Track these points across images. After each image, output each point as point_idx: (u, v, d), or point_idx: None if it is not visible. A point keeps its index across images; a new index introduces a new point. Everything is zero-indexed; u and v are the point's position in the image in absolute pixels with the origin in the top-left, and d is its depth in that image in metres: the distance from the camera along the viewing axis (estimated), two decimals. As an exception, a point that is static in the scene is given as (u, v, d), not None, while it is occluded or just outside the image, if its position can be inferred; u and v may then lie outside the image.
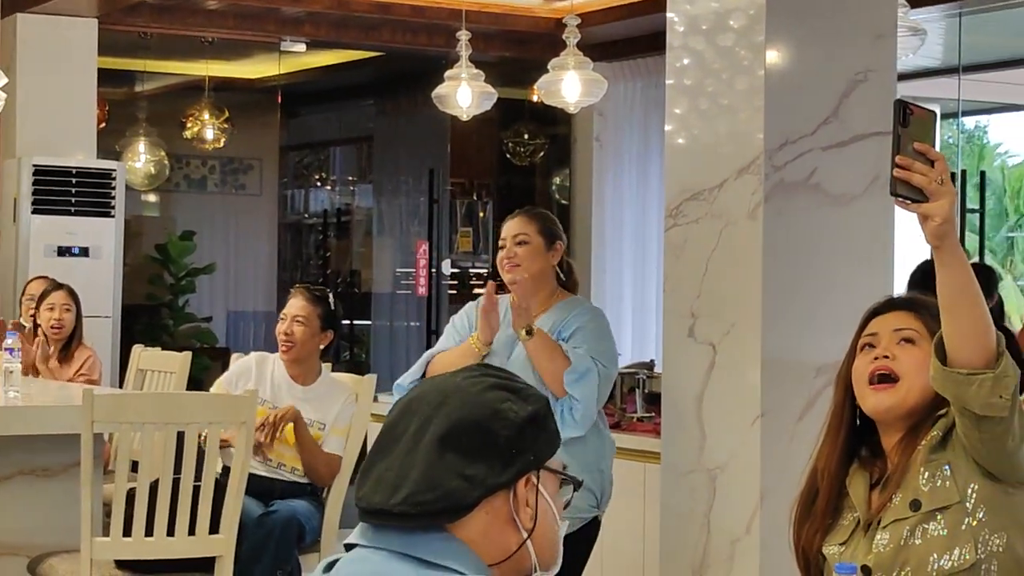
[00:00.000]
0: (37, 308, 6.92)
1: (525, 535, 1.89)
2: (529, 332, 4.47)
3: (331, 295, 5.60)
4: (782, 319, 4.51)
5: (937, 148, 2.43)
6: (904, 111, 2.40)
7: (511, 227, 4.67)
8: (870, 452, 2.76)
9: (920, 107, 2.42)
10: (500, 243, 4.68)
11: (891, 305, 2.81)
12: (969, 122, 21.83)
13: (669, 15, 4.87)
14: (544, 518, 1.90)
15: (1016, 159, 23.96)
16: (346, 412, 5.37)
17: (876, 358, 2.72)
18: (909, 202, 2.40)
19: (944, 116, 13.82)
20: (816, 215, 4.57)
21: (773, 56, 4.57)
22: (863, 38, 4.68)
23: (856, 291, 4.50)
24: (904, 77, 10.87)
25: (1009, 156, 24.02)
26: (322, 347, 5.49)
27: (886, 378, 2.69)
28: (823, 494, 2.75)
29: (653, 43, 7.94)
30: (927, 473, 2.63)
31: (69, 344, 6.90)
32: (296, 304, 5.44)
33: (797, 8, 4.61)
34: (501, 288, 4.62)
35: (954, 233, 2.43)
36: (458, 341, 4.70)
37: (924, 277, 4.32)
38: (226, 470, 4.83)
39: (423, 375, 4.63)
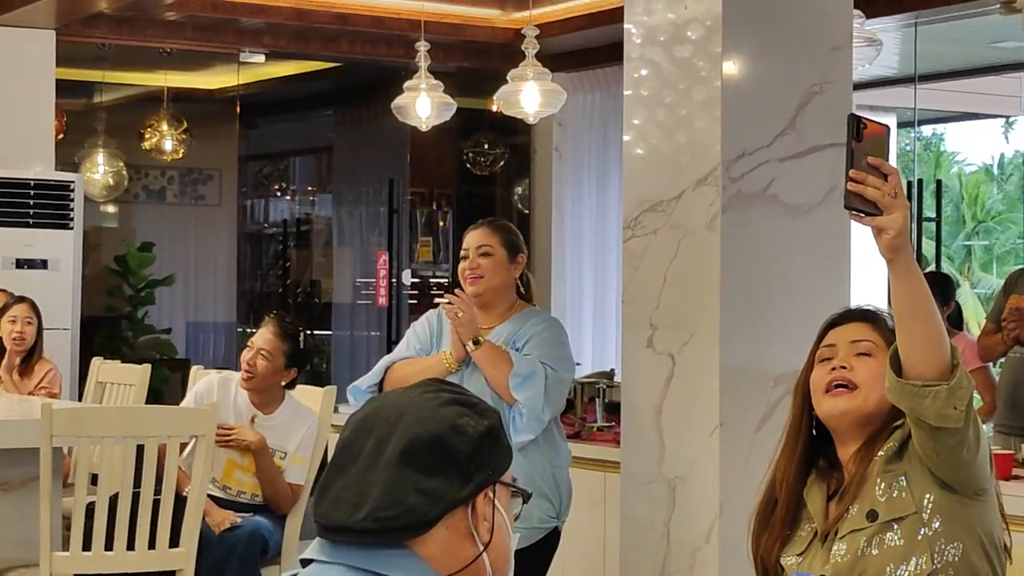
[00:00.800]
0: (-2, 321, 6.89)
1: (482, 548, 1.91)
2: (476, 343, 4.48)
3: (303, 334, 5.49)
4: (740, 329, 4.54)
5: (891, 162, 2.46)
6: (858, 125, 2.43)
7: (474, 238, 4.67)
8: (828, 463, 2.78)
9: (873, 121, 2.45)
10: (462, 253, 4.68)
11: (848, 316, 2.84)
12: (927, 130, 22.02)
13: (627, 26, 4.90)
14: (500, 531, 1.92)
15: (972, 167, 24.17)
16: (308, 440, 5.32)
17: (833, 369, 2.75)
18: (863, 215, 2.43)
19: (901, 125, 13.91)
20: (773, 226, 4.60)
21: (730, 67, 4.60)
22: (819, 50, 4.71)
23: (814, 301, 4.53)
24: (861, 87, 10.97)
25: (966, 164, 24.22)
26: (284, 383, 5.44)
27: (843, 388, 2.72)
28: (781, 505, 2.77)
29: (611, 54, 7.97)
30: (883, 484, 2.65)
31: (30, 357, 6.87)
32: (264, 336, 5.36)
33: (753, 20, 4.64)
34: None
35: (908, 247, 2.46)
36: (418, 349, 4.69)
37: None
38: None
39: (381, 381, 4.62)
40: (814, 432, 2.80)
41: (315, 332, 12.36)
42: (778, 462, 2.81)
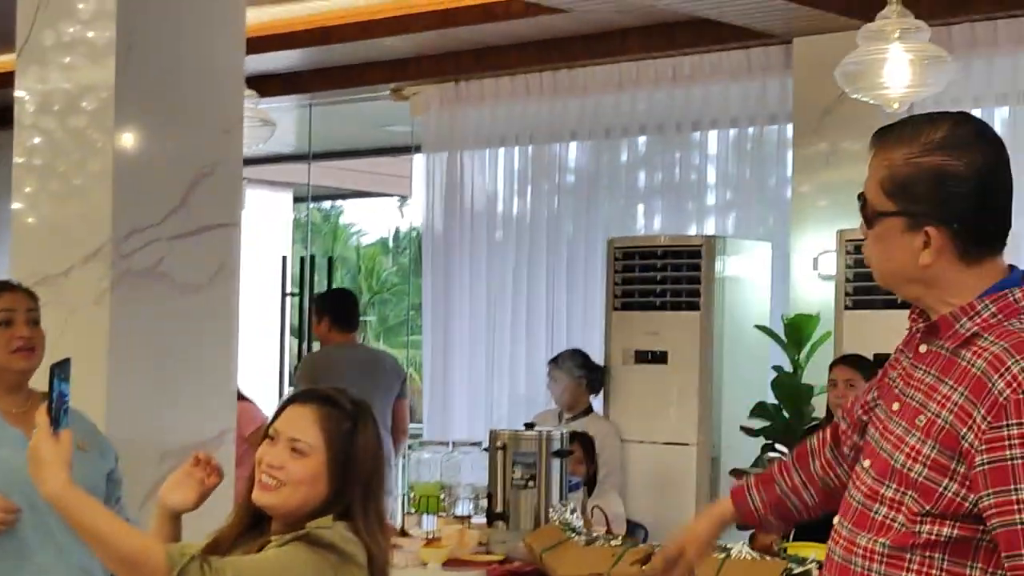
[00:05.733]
0: None
1: None
2: None
3: None
4: (130, 406, 4.53)
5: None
6: None
7: None
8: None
9: None
10: None
11: (296, 399, 2.83)
12: (327, 204, 22.65)
13: (18, 93, 4.82)
14: None
15: (369, 239, 25.06)
16: None
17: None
18: None
19: (298, 199, 14.30)
20: (165, 302, 4.63)
21: (123, 142, 4.61)
22: (211, 131, 4.81)
23: (206, 375, 4.62)
24: (258, 162, 11.23)
25: (362, 235, 25.08)
26: None
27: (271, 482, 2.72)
28: None
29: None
30: None
31: None
32: None
33: (148, 96, 4.68)
34: None
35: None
36: None
37: None
38: None
39: None
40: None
41: None
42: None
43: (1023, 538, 2.12)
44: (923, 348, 2.34)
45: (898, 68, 5.21)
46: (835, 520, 2.39)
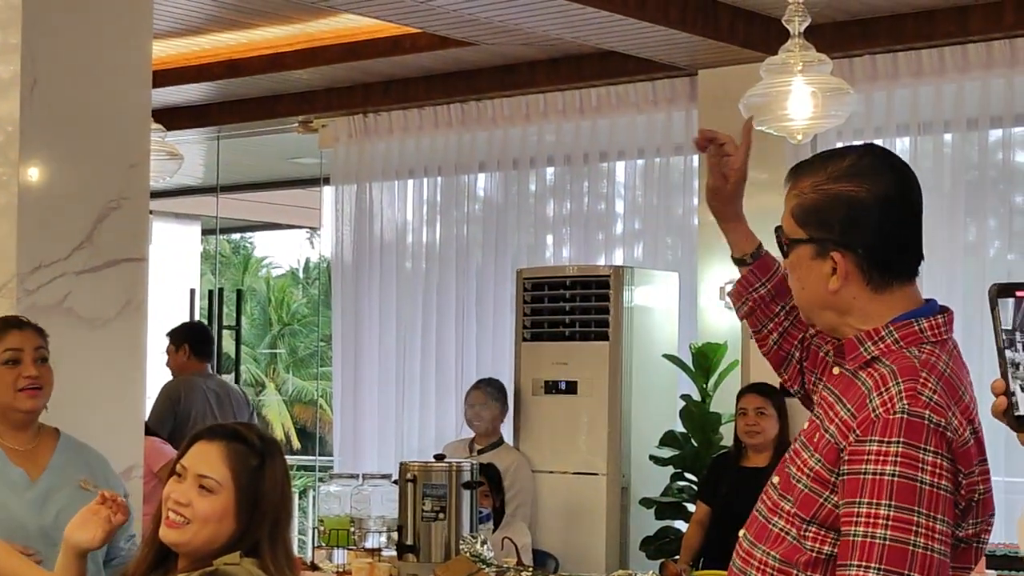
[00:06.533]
0: None
1: None
2: None
3: None
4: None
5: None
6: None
7: None
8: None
9: None
10: None
11: (203, 435, 2.80)
12: (237, 236, 22.55)
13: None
14: None
15: (280, 270, 24.98)
16: None
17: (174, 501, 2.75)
18: None
19: (206, 231, 14.23)
20: (71, 338, 4.59)
21: (28, 176, 4.57)
22: (117, 165, 4.78)
23: (113, 411, 4.58)
24: (166, 195, 11.18)
25: (274, 267, 24.99)
26: None
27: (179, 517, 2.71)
28: None
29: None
30: None
31: None
32: None
33: (53, 131, 4.64)
34: None
35: None
36: None
37: None
38: None
39: None
40: None
41: None
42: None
43: (852, 550, 2.17)
44: (836, 371, 2.40)
45: (801, 100, 5.28)
46: (740, 533, 2.43)
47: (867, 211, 2.31)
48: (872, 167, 2.34)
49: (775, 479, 2.39)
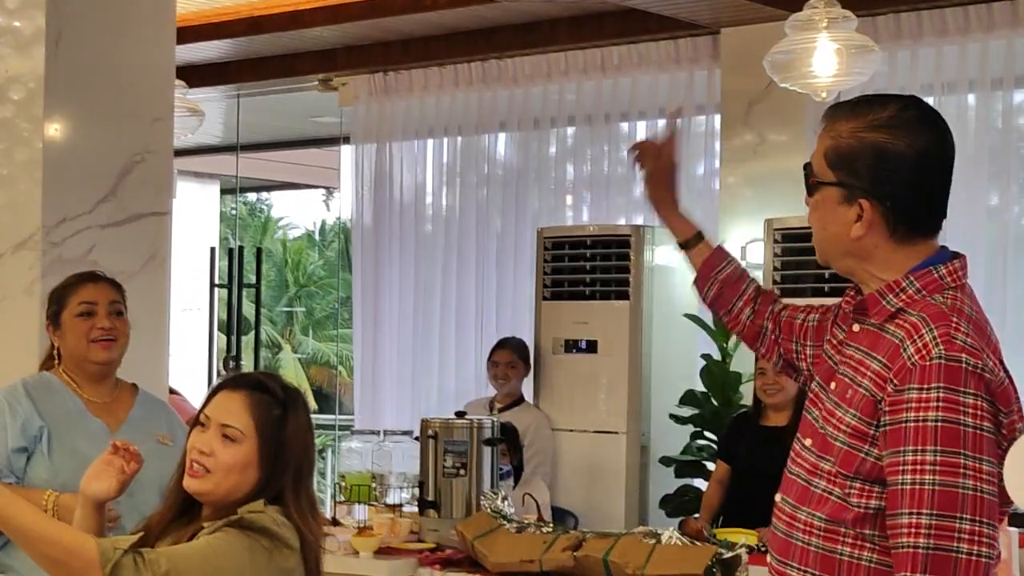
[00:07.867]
0: None
1: None
2: None
3: None
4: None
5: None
6: None
7: None
8: None
9: None
10: None
11: (226, 385, 2.80)
12: (253, 196, 22.55)
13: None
14: None
15: (297, 232, 24.97)
16: None
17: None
18: None
19: (225, 191, 14.24)
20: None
21: (52, 131, 4.59)
22: (141, 120, 4.79)
23: (137, 365, 4.59)
24: (185, 153, 11.17)
25: (291, 228, 24.98)
26: None
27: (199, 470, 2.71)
28: None
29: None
30: None
31: None
32: None
33: (77, 86, 4.65)
34: None
35: None
36: None
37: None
38: None
39: None
40: None
41: None
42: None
43: (901, 498, 2.18)
44: (856, 327, 2.40)
45: (826, 57, 5.27)
46: (777, 498, 2.43)
47: (903, 164, 2.30)
48: (912, 121, 2.32)
49: (806, 440, 2.39)
